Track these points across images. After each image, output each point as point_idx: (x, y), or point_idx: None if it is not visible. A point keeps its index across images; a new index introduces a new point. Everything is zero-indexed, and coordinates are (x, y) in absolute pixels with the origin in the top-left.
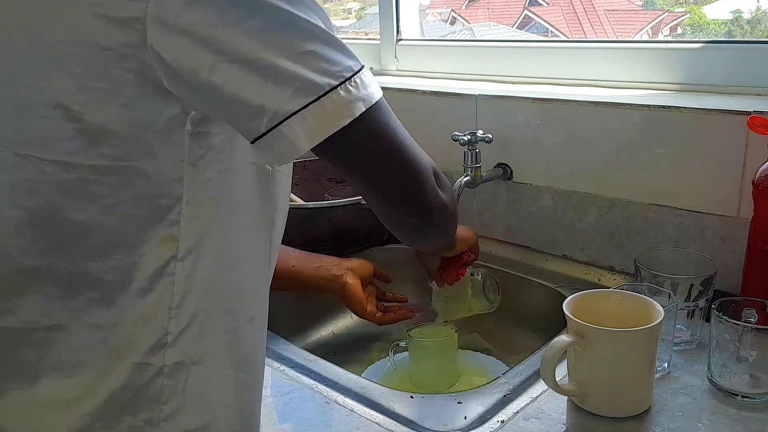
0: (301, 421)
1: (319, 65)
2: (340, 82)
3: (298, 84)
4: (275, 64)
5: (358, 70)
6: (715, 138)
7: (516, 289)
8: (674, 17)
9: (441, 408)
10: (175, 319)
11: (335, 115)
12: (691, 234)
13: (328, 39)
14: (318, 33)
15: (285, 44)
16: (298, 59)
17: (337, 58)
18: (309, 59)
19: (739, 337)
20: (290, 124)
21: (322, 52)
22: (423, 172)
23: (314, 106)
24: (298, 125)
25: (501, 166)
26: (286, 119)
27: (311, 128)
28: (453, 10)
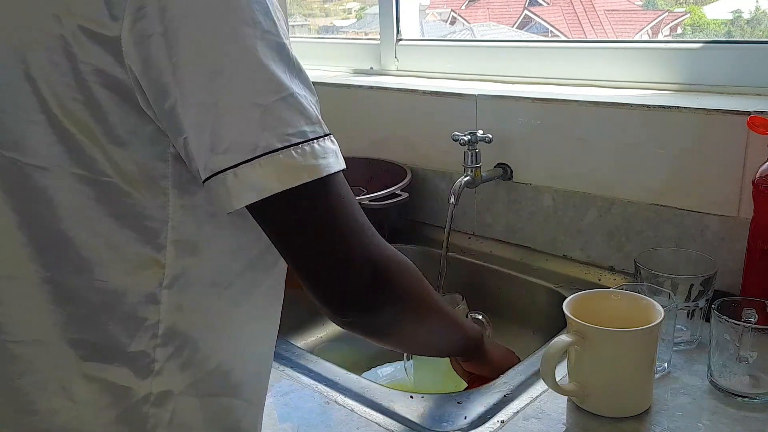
0: (301, 421)
1: (266, 122)
2: (283, 146)
3: (233, 140)
4: (225, 113)
5: (313, 137)
6: (715, 138)
7: (516, 289)
8: (674, 17)
9: (441, 408)
10: (162, 348)
11: (270, 179)
12: (691, 234)
13: (290, 96)
14: (281, 87)
15: (237, 91)
16: (243, 111)
17: (290, 119)
18: (256, 113)
19: (739, 337)
20: (219, 180)
21: (276, 108)
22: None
23: (248, 165)
24: (230, 181)
25: (501, 166)
26: (220, 172)
27: (241, 187)
28: (453, 10)
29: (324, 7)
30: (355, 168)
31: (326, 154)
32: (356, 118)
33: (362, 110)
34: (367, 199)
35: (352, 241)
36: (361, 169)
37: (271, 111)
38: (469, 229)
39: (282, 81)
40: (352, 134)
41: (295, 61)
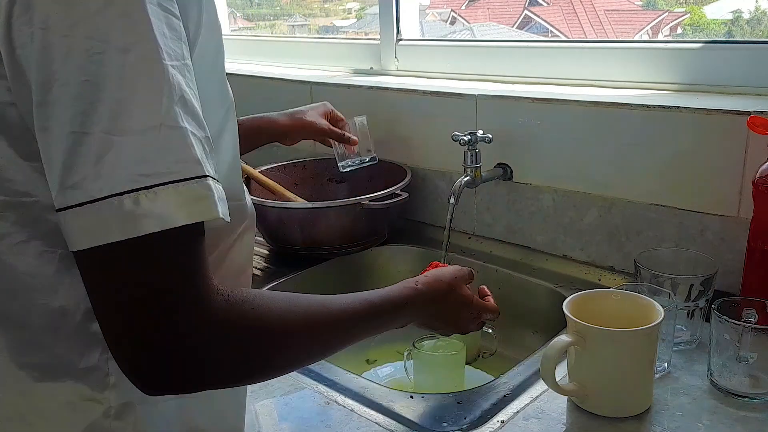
0: (301, 421)
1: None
2: (126, 191)
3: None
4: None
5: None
6: (715, 138)
7: (516, 289)
8: (674, 17)
9: (441, 408)
10: (114, 361)
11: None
12: (691, 234)
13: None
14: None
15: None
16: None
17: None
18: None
19: (739, 337)
20: (66, 217)
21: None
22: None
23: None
24: (72, 220)
25: (501, 166)
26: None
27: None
28: (453, 10)
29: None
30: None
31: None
32: None
33: (362, 110)
34: (367, 199)
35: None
36: (361, 169)
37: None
38: (469, 229)
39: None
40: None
41: (177, 87)
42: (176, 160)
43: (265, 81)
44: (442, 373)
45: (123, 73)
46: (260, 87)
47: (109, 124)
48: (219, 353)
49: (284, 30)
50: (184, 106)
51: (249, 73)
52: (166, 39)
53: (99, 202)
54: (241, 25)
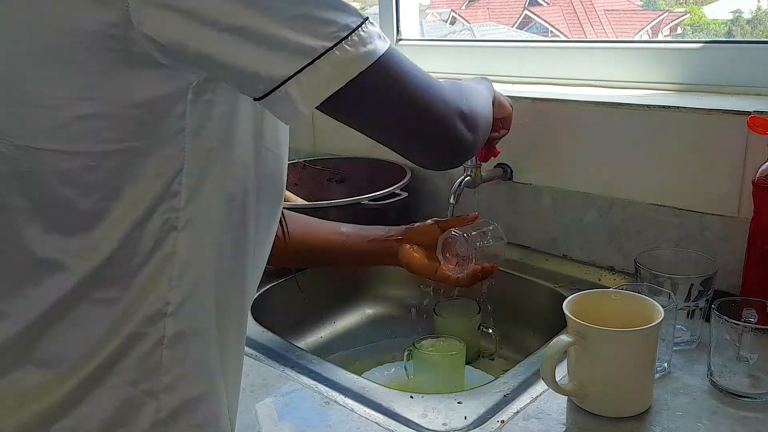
0: (301, 420)
1: (312, 27)
2: (334, 43)
3: (291, 48)
4: (264, 30)
5: (356, 26)
6: (715, 138)
7: (516, 289)
8: (674, 17)
9: (441, 408)
10: (176, 290)
11: (332, 77)
12: (691, 234)
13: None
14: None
15: (274, 9)
16: (288, 24)
17: (332, 18)
18: (300, 22)
19: (739, 337)
20: (286, 89)
21: (315, 13)
22: (440, 120)
23: (308, 70)
24: (293, 90)
25: (501, 166)
26: (282, 84)
27: (307, 92)
28: (453, 10)
29: None
30: (355, 168)
31: (372, 38)
32: None
33: None
34: (366, 199)
35: (429, 97)
36: (361, 169)
37: (312, 16)
38: None
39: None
40: (352, 134)
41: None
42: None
43: None
44: (442, 373)
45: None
46: None
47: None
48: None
49: None
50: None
51: None
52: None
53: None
54: None
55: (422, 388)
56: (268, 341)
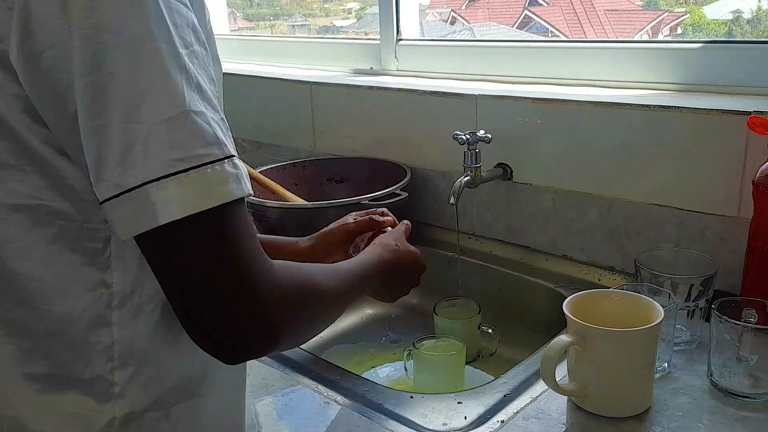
0: (301, 421)
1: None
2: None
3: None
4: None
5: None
6: (715, 138)
7: (516, 289)
8: (674, 17)
9: (441, 408)
10: (120, 371)
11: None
12: (691, 234)
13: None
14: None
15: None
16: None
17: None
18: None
19: (739, 337)
20: (108, 209)
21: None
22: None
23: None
24: (114, 212)
25: (501, 166)
26: (106, 201)
27: (120, 220)
28: (453, 10)
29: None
30: (355, 168)
31: (224, 180)
32: (356, 118)
33: (362, 110)
34: (367, 199)
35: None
36: (361, 169)
37: (160, 133)
38: (469, 229)
39: (176, 98)
40: (352, 134)
41: (193, 74)
42: (205, 143)
43: (265, 81)
44: (442, 373)
45: (142, 65)
46: (260, 87)
47: (135, 116)
48: (287, 312)
49: (284, 30)
50: (201, 92)
51: (249, 73)
52: (177, 28)
53: (135, 191)
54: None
55: (422, 388)
56: None
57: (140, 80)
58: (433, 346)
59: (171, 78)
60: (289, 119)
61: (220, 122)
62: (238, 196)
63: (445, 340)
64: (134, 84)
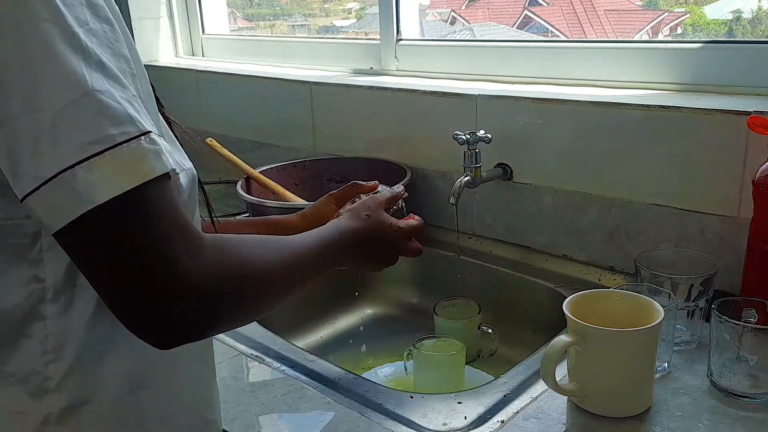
0: (301, 421)
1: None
2: (82, 159)
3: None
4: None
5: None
6: (715, 138)
7: (516, 289)
8: (674, 17)
9: (441, 408)
10: (55, 364)
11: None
12: (691, 234)
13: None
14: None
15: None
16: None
17: (91, 124)
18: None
19: (739, 337)
20: (30, 204)
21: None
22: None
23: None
24: (36, 206)
25: (501, 166)
26: (27, 196)
27: (42, 215)
28: (453, 10)
29: (324, 7)
30: (355, 168)
31: (142, 157)
32: (356, 118)
33: (362, 110)
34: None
35: (168, 267)
36: (361, 169)
37: (64, 118)
38: (469, 229)
39: (75, 79)
40: (352, 134)
41: (92, 52)
42: (117, 122)
43: (265, 81)
44: (442, 373)
45: (32, 50)
46: (260, 87)
47: (35, 103)
48: (216, 294)
49: (284, 30)
50: (103, 69)
51: (249, 73)
52: (67, 7)
53: (52, 181)
54: (241, 25)
55: (422, 388)
56: (268, 341)
57: (33, 66)
58: (433, 346)
59: (66, 59)
60: (289, 119)
61: (131, 99)
62: (159, 173)
63: (445, 340)
64: (28, 71)
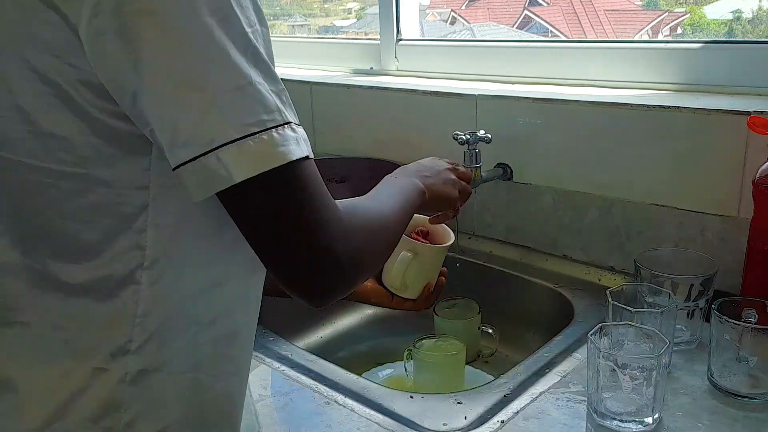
0: (301, 421)
1: (224, 113)
2: (240, 137)
3: (193, 132)
4: (181, 106)
5: (271, 126)
6: (715, 138)
7: (516, 289)
8: (674, 17)
9: (441, 408)
10: (140, 327)
11: (227, 171)
12: (691, 234)
13: (248, 85)
14: (239, 77)
15: (199, 85)
16: (203, 104)
17: (250, 109)
18: (215, 106)
19: (739, 337)
20: (181, 173)
21: (234, 99)
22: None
23: (205, 158)
24: (189, 175)
25: (501, 166)
26: (182, 165)
27: (200, 180)
28: (453, 10)
29: (324, 7)
30: (355, 168)
31: (286, 142)
32: (356, 118)
33: (362, 110)
34: None
35: (315, 234)
36: (361, 169)
37: (228, 101)
38: (469, 229)
39: (240, 70)
40: (352, 134)
41: (256, 50)
42: (269, 110)
43: None
44: (442, 373)
45: (211, 42)
46: None
47: (207, 85)
48: (361, 252)
49: (284, 30)
50: (263, 65)
51: None
52: (242, 9)
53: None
54: None
55: (422, 388)
56: (268, 341)
57: (210, 54)
58: (433, 346)
59: (235, 53)
60: None
61: (280, 92)
62: (300, 156)
63: (445, 340)
64: (204, 58)
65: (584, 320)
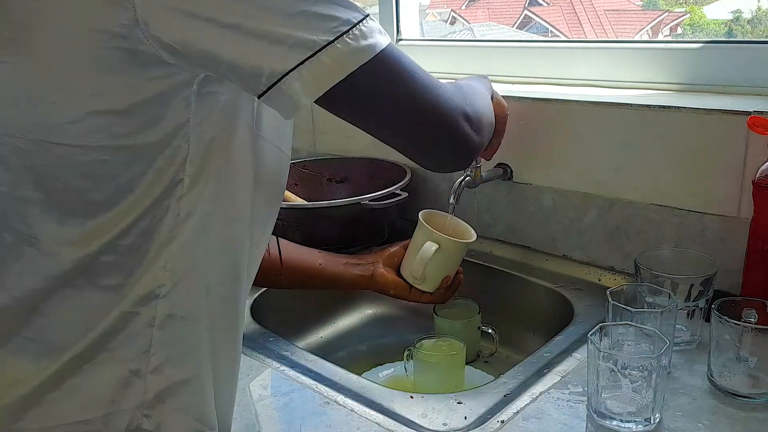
0: (301, 421)
1: (313, 23)
2: (335, 37)
3: (291, 43)
4: (266, 26)
5: (357, 21)
6: (715, 138)
7: (516, 289)
8: (674, 17)
9: (441, 408)
10: (170, 273)
11: (333, 69)
12: (691, 234)
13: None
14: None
15: (275, 7)
16: (289, 20)
17: (333, 13)
18: (301, 18)
19: (739, 337)
20: (288, 82)
21: (316, 9)
22: (445, 120)
23: (310, 62)
24: (295, 82)
25: (501, 166)
26: (283, 77)
27: (309, 84)
28: (453, 10)
29: None
30: (355, 168)
31: (373, 33)
32: None
33: None
34: (367, 199)
35: (430, 95)
36: (361, 169)
37: (313, 12)
38: None
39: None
40: (352, 134)
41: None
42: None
43: None
44: (442, 373)
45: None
46: None
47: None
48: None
49: None
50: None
51: None
52: None
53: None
54: None
55: (422, 388)
56: (269, 341)
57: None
58: (433, 346)
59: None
60: None
61: None
62: (386, 43)
63: (445, 340)
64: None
65: (584, 320)
